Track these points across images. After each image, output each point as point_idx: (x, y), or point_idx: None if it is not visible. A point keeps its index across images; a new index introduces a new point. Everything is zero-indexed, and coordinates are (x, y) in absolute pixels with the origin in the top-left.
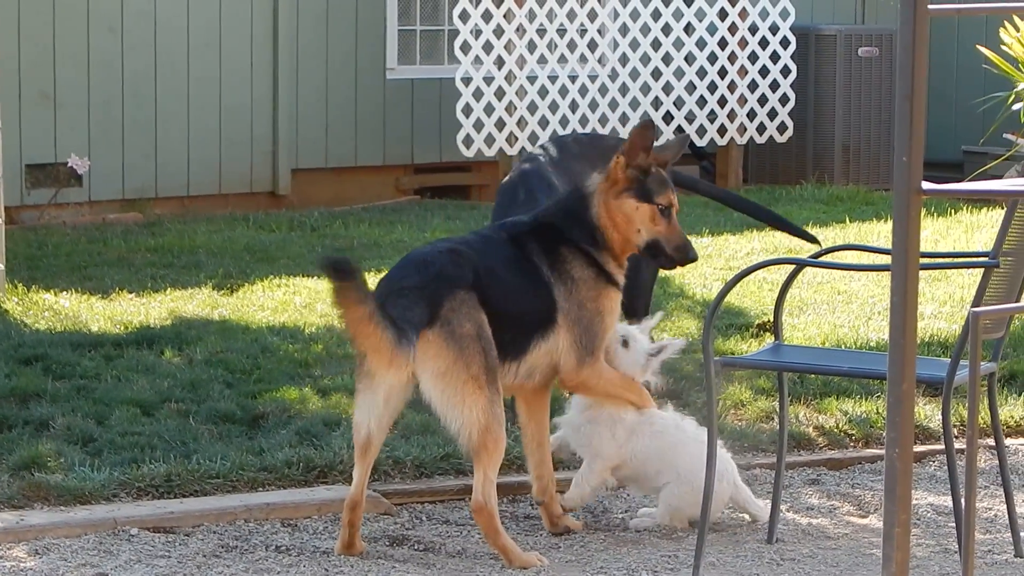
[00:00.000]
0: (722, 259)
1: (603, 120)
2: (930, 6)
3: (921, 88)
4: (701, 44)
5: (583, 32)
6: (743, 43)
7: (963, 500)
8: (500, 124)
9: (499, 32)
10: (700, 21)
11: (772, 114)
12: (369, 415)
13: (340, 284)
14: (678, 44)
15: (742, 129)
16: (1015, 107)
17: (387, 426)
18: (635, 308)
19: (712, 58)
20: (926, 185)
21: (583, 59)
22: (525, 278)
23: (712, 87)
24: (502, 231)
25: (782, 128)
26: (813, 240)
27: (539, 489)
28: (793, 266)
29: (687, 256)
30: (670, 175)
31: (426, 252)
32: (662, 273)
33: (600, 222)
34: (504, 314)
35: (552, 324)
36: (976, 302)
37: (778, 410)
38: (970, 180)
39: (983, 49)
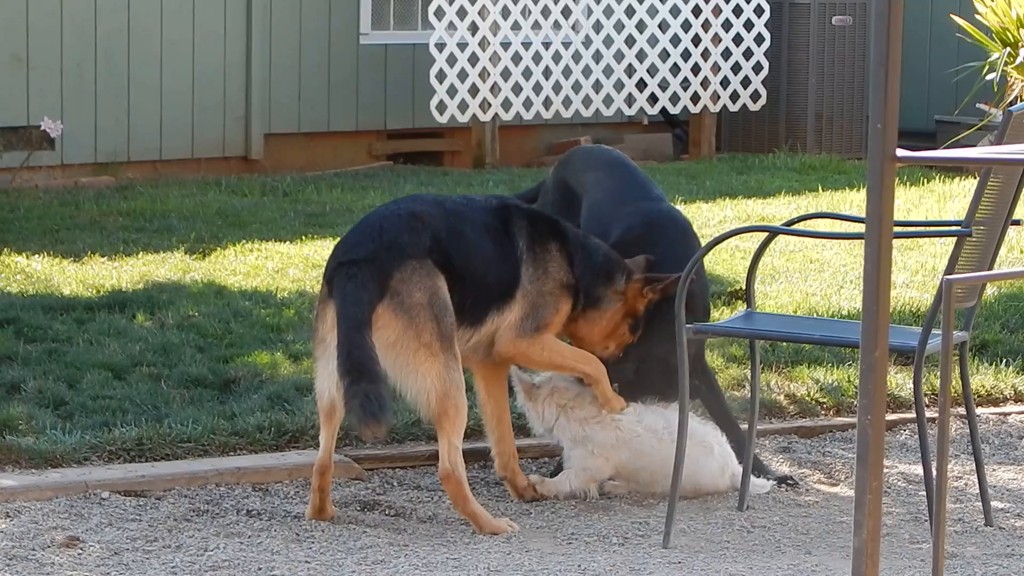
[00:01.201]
0: (694, 227)
1: (576, 87)
2: None
3: (896, 55)
4: (675, 11)
5: None
6: (717, 11)
7: (934, 469)
8: (473, 90)
9: None
10: None
11: (745, 82)
12: (329, 382)
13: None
14: (652, 11)
15: (715, 97)
16: (988, 77)
17: None
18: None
19: (686, 25)
20: (901, 152)
21: (557, 26)
22: (496, 247)
23: (686, 55)
24: (494, 200)
25: (755, 96)
26: None
27: (501, 465)
28: (766, 234)
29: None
30: None
31: (385, 215)
32: None
33: (600, 313)
34: (467, 278)
35: (510, 299)
36: (949, 271)
37: (750, 378)
38: (943, 149)
39: (957, 19)
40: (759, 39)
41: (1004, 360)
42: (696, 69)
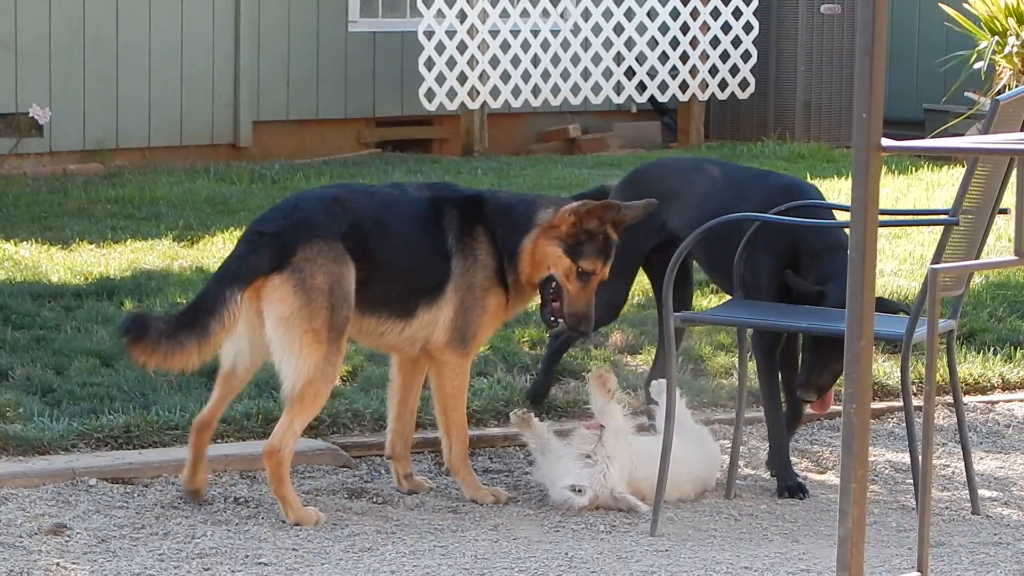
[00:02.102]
0: None
1: (565, 75)
2: None
3: (881, 44)
4: None
5: None
6: None
7: (920, 457)
8: (462, 78)
9: None
10: None
11: (734, 70)
12: (233, 352)
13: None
14: None
15: (704, 85)
16: (976, 65)
17: (254, 365)
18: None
19: (675, 13)
20: (885, 142)
21: (546, 13)
22: (426, 239)
23: (675, 43)
24: (429, 191)
25: (744, 85)
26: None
27: (390, 443)
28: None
29: (578, 326)
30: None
31: (304, 196)
32: None
33: (522, 251)
34: (390, 269)
35: (440, 293)
36: (936, 259)
37: (737, 366)
38: (931, 138)
39: (945, 7)
40: (747, 27)
41: (992, 348)
42: (684, 57)
